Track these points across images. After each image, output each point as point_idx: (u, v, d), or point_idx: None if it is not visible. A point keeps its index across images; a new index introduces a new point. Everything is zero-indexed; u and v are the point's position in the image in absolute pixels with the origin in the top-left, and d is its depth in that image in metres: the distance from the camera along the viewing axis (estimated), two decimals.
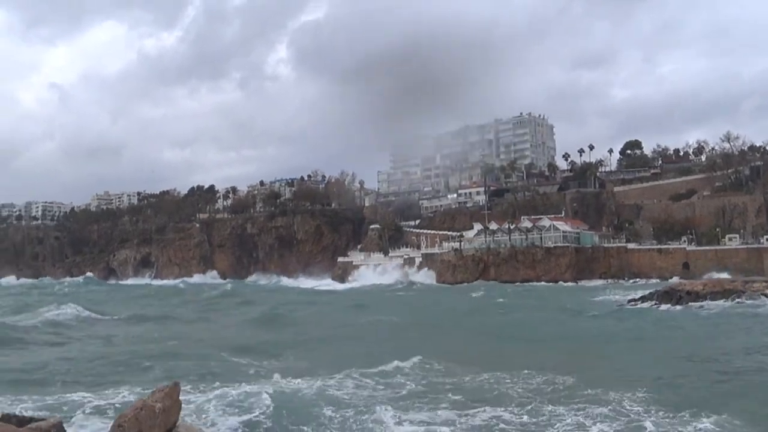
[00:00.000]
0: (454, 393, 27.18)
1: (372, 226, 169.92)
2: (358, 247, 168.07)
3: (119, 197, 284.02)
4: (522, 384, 28.42)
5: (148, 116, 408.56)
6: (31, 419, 20.96)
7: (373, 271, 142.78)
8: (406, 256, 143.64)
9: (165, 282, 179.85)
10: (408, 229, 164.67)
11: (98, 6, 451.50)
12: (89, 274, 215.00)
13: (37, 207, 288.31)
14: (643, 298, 70.90)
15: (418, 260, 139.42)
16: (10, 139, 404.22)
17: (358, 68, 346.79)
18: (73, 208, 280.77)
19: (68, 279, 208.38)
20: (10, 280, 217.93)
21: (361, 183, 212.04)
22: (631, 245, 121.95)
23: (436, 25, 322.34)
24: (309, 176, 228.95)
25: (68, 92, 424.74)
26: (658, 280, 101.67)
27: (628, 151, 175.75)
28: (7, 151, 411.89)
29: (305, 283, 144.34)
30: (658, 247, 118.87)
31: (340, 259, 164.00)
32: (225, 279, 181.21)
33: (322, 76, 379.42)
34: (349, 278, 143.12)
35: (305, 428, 23.14)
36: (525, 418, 23.19)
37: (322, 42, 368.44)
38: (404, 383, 29.51)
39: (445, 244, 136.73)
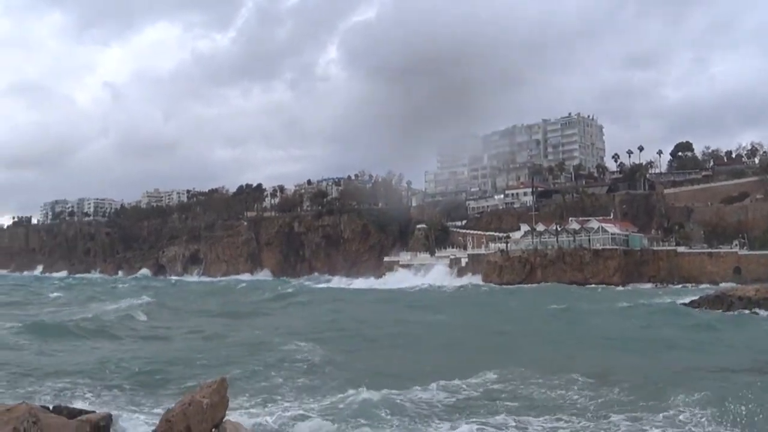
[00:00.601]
0: (511, 399, 27.53)
1: (418, 226, 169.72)
2: (405, 248, 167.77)
3: (169, 195, 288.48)
4: (578, 390, 28.57)
5: (200, 115, 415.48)
6: (81, 411, 21.45)
7: (416, 273, 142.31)
8: (452, 257, 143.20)
9: (222, 279, 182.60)
10: (454, 230, 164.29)
11: (150, 7, 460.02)
12: (144, 270, 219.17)
13: (89, 203, 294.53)
14: (692, 303, 69.91)
15: (464, 261, 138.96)
16: (65, 137, 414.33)
17: (407, 68, 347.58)
18: (123, 205, 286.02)
19: (120, 274, 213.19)
20: (62, 274, 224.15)
21: (408, 183, 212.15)
22: (681, 248, 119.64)
23: (487, 25, 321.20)
24: (356, 175, 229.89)
25: (121, 91, 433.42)
26: (708, 285, 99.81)
27: (679, 153, 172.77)
28: (63, 149, 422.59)
29: (357, 282, 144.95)
30: (709, 250, 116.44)
31: (386, 258, 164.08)
32: (275, 277, 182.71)
33: (372, 76, 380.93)
34: (395, 277, 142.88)
35: (361, 421, 23.63)
36: (582, 423, 23.33)
37: (372, 42, 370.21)
38: (461, 386, 29.82)
39: (492, 245, 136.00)
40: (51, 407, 21.77)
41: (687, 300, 72.70)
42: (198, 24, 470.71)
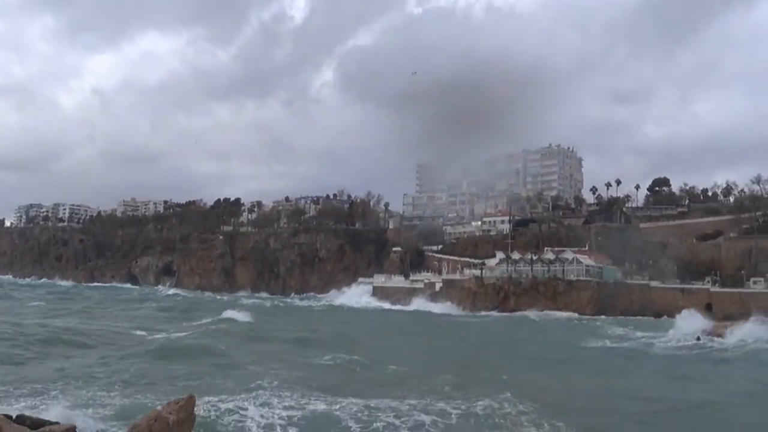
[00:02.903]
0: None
1: (394, 249, 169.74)
2: (380, 270, 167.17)
3: (146, 204, 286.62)
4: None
5: (188, 127, 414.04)
6: (45, 422, 21.10)
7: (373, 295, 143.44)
8: (426, 281, 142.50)
9: (237, 295, 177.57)
10: (430, 254, 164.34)
11: (143, 16, 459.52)
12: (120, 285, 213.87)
13: (65, 209, 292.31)
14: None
15: (438, 285, 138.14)
16: (50, 141, 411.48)
17: (399, 95, 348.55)
18: (99, 213, 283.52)
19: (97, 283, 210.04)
20: (31, 280, 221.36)
21: (386, 205, 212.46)
22: (654, 283, 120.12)
23: (482, 60, 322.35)
24: (335, 195, 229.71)
25: (110, 98, 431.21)
26: None
27: (656, 189, 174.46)
28: (46, 154, 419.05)
29: (352, 300, 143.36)
30: (682, 286, 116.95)
31: (360, 279, 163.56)
32: (252, 293, 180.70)
33: (363, 100, 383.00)
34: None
35: None
36: None
37: (368, 68, 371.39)
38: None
39: (467, 271, 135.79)
40: (14, 416, 21.39)
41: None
42: (201, 37, 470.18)
